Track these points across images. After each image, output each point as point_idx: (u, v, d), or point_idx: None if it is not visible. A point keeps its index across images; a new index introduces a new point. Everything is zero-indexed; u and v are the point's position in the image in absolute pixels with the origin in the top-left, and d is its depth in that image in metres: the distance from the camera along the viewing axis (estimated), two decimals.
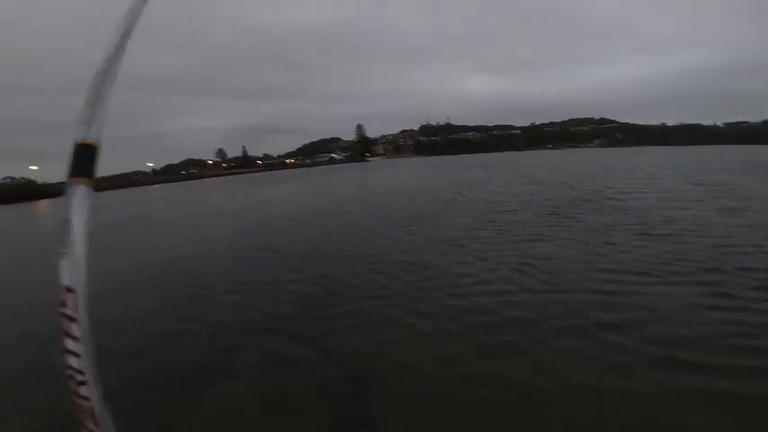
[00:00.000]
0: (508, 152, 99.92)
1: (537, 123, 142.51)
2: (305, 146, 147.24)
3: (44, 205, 32.37)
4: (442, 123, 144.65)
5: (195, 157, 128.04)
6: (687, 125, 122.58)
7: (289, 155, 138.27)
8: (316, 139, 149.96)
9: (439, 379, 2.89)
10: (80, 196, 0.79)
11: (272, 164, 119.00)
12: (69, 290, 0.74)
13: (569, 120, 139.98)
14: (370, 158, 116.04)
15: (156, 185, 57.58)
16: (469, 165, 41.08)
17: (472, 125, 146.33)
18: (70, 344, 0.74)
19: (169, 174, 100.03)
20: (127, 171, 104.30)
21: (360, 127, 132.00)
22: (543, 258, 5.64)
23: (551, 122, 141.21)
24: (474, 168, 33.32)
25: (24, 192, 45.17)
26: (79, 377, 0.73)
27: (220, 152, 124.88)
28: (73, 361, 0.73)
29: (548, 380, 2.78)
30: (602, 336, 3.31)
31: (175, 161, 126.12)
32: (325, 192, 21.29)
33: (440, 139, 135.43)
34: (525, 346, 3.24)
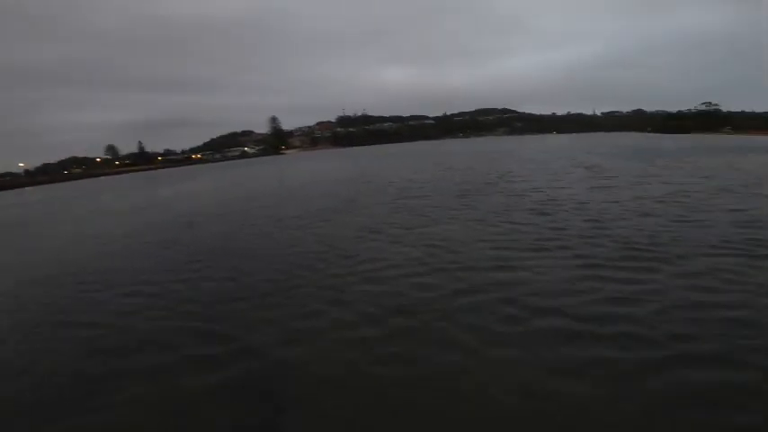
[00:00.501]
0: (422, 141, 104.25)
1: (448, 113, 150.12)
2: (213, 140, 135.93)
3: None
4: (359, 114, 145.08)
5: (81, 155, 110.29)
6: (573, 114, 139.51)
7: (195, 150, 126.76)
8: (226, 132, 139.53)
9: (353, 366, 2.96)
10: None
11: (175, 160, 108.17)
12: None
13: (477, 110, 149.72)
14: (286, 151, 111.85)
15: (31, 187, 49.06)
16: (386, 154, 42.07)
17: (388, 116, 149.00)
18: None
19: (48, 174, 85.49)
20: None
21: (274, 119, 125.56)
22: (450, 238, 6.11)
23: (461, 112, 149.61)
24: (390, 157, 34.26)
25: None
26: None
27: (111, 149, 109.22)
28: None
29: (460, 333, 3.24)
30: (498, 296, 3.85)
31: (55, 160, 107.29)
32: (234, 187, 20.14)
33: (357, 130, 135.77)
34: (437, 312, 3.60)
